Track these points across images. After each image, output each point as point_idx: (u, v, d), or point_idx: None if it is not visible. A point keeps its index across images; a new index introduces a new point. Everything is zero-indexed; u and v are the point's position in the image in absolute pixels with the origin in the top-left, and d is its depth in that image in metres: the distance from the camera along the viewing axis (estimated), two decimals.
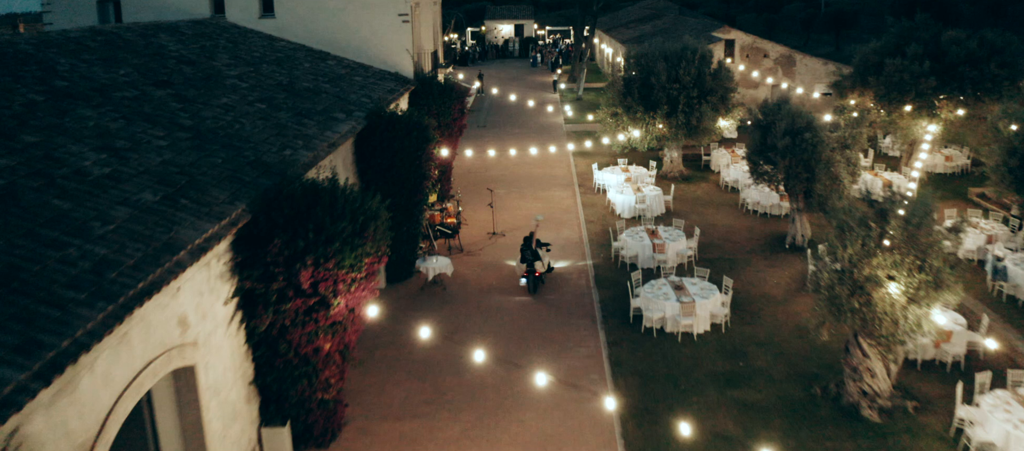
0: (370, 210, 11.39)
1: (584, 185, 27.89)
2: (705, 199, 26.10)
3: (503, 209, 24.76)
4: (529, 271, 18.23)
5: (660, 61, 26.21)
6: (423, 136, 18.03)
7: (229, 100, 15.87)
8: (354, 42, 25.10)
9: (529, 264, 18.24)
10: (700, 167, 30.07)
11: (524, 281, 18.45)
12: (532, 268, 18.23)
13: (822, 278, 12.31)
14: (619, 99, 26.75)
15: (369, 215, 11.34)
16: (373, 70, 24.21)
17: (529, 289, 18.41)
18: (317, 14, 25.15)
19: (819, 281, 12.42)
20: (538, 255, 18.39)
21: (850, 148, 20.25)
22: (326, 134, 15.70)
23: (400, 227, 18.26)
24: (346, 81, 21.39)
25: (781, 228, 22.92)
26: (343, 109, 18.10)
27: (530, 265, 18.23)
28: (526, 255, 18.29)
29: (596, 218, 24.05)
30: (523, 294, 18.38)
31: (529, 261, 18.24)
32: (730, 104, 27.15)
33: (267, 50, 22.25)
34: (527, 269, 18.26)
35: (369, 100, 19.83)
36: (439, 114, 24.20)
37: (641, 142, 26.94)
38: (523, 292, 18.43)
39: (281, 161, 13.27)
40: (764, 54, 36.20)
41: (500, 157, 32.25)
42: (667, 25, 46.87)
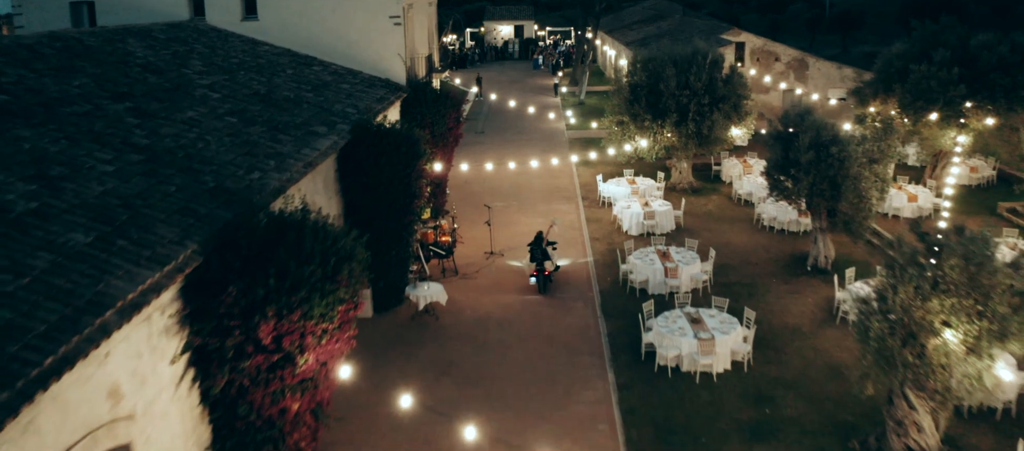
0: (344, 249, 9.74)
1: (588, 197, 26.25)
2: (717, 214, 24.46)
3: (502, 225, 23.12)
4: (539, 269, 18.31)
5: (669, 66, 24.56)
6: (413, 151, 16.40)
7: (196, 113, 14.22)
8: (342, 46, 23.48)
9: (539, 263, 18.34)
10: (710, 178, 28.44)
11: (534, 280, 18.43)
12: (541, 267, 18.31)
13: (871, 327, 10.65)
14: (625, 106, 25.11)
15: (343, 255, 9.69)
16: (362, 76, 22.56)
17: (539, 288, 18.45)
18: (303, 16, 23.53)
19: (866, 331, 10.76)
20: (548, 254, 18.52)
21: (879, 163, 18.63)
22: (303, 152, 14.06)
23: (388, 251, 16.64)
24: (331, 89, 19.75)
25: (801, 247, 21.29)
26: (325, 121, 16.46)
27: (540, 264, 18.33)
28: (536, 254, 18.41)
29: (602, 235, 22.41)
30: (532, 292, 18.47)
31: (539, 260, 18.34)
32: (743, 112, 25.51)
33: (247, 55, 20.62)
34: (536, 268, 18.32)
35: (355, 110, 18.19)
36: (433, 123, 22.59)
37: (649, 152, 25.30)
38: (533, 290, 18.52)
39: (247, 187, 11.63)
40: (775, 57, 34.60)
41: (499, 167, 30.58)
42: (672, 27, 45.21)
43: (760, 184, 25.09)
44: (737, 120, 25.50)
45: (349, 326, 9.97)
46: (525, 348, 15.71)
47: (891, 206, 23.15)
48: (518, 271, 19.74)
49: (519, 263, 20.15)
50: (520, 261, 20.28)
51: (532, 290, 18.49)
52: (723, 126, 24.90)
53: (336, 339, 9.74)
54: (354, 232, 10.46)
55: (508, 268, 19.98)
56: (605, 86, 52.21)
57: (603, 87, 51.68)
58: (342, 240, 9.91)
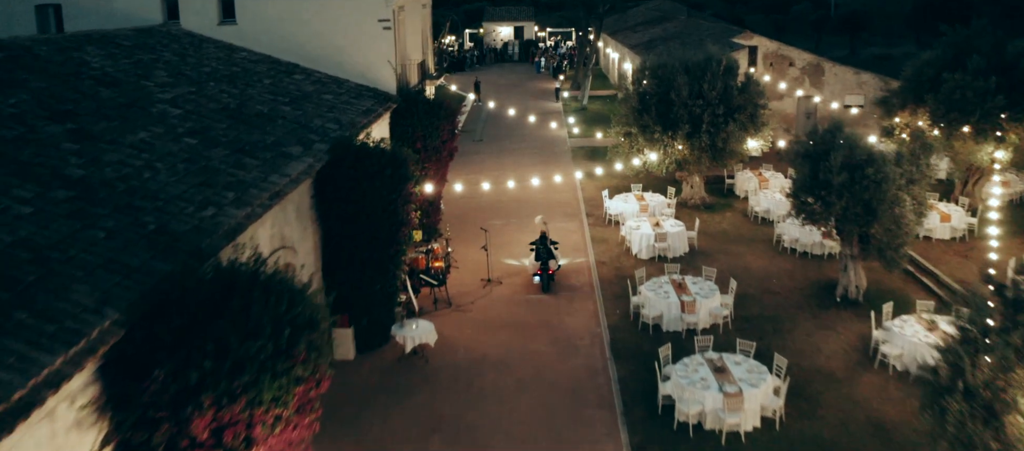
0: (303, 316, 7.91)
1: (593, 214, 24.43)
2: (733, 233, 22.63)
3: (500, 245, 21.31)
4: (543, 269, 18.43)
5: (681, 74, 22.75)
6: (400, 173, 14.59)
7: (149, 135, 12.41)
8: (328, 52, 21.65)
9: (544, 262, 18.45)
10: (723, 193, 26.62)
11: (537, 279, 18.58)
12: (546, 266, 18.42)
13: (947, 409, 8.79)
14: (633, 117, 23.29)
15: (301, 323, 7.87)
16: (349, 85, 20.75)
17: (542, 287, 18.51)
18: (285, 20, 21.69)
19: (942, 413, 8.89)
20: (552, 253, 18.66)
21: (917, 183, 16.83)
22: (270, 180, 12.24)
23: (372, 285, 14.83)
24: (312, 101, 17.94)
25: (827, 273, 19.48)
26: (301, 140, 14.64)
27: (544, 264, 18.43)
28: (541, 254, 18.55)
29: (609, 259, 20.59)
30: (535, 291, 18.51)
31: (544, 260, 18.45)
32: (760, 122, 23.69)
33: (221, 63, 18.82)
34: (540, 268, 18.47)
35: (337, 126, 16.39)
36: (425, 136, 20.77)
37: (659, 166, 23.49)
38: (536, 290, 18.55)
39: (195, 229, 9.81)
40: (790, 62, 32.77)
41: (497, 178, 28.76)
42: (678, 29, 43.38)
43: (778, 200, 23.30)
44: (753, 131, 23.69)
45: (310, 408, 8.14)
46: (526, 397, 13.88)
47: (923, 227, 21.31)
48: (518, 301, 17.95)
49: (525, 261, 20.19)
50: (526, 260, 20.28)
51: (535, 290, 18.56)
52: (739, 138, 23.09)
53: (293, 426, 7.92)
54: (318, 290, 8.63)
55: (506, 298, 18.16)
56: (608, 90, 50.38)
57: (606, 91, 49.85)
58: (300, 305, 8.07)
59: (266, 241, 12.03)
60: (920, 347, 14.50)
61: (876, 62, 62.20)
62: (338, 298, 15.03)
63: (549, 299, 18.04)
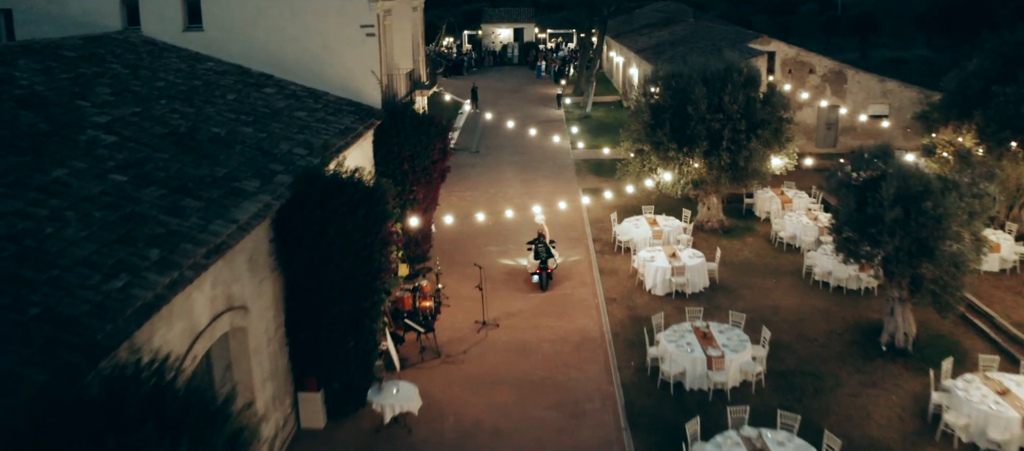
0: None
1: (600, 238, 22.15)
2: (757, 263, 20.34)
3: (496, 279, 19.05)
4: (542, 268, 18.45)
5: (698, 85, 20.46)
6: (376, 212, 12.30)
7: (67, 172, 10.13)
8: (305, 61, 19.38)
9: (543, 262, 18.46)
10: (742, 213, 24.33)
11: (536, 278, 18.57)
12: (545, 265, 18.46)
13: None
14: (645, 132, 21.01)
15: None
16: (327, 99, 18.48)
17: (541, 286, 18.54)
18: (257, 25, 19.42)
19: None
20: (551, 252, 18.68)
21: (977, 217, 14.56)
22: (212, 228, 9.95)
23: (344, 343, 12.55)
24: (282, 119, 15.66)
25: (865, 313, 17.22)
26: (260, 171, 12.36)
27: (543, 263, 18.45)
28: (540, 252, 18.58)
29: (620, 295, 18.31)
30: (535, 290, 18.53)
31: (543, 259, 18.48)
32: (784, 138, 21.41)
33: (180, 76, 16.55)
34: (540, 266, 18.48)
35: (307, 151, 14.11)
36: (414, 156, 18.54)
37: (673, 187, 21.21)
38: (535, 289, 18.57)
39: (97, 309, 7.53)
40: (810, 69, 30.50)
41: (494, 197, 26.51)
42: (687, 32, 41.08)
43: (805, 225, 21.04)
44: (777, 148, 21.41)
45: None
46: None
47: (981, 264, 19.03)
48: (517, 348, 15.67)
49: (523, 261, 20.12)
50: (523, 260, 20.22)
51: (534, 289, 18.55)
52: (762, 156, 20.82)
53: None
54: (281, 348, 6.35)
55: (504, 344, 15.88)
56: (612, 96, 48.11)
57: (610, 97, 47.57)
58: (219, 430, 5.78)
59: (204, 307, 9.75)
60: (991, 417, 12.28)
61: (889, 65, 59.96)
62: (305, 358, 12.87)
63: (554, 348, 15.76)
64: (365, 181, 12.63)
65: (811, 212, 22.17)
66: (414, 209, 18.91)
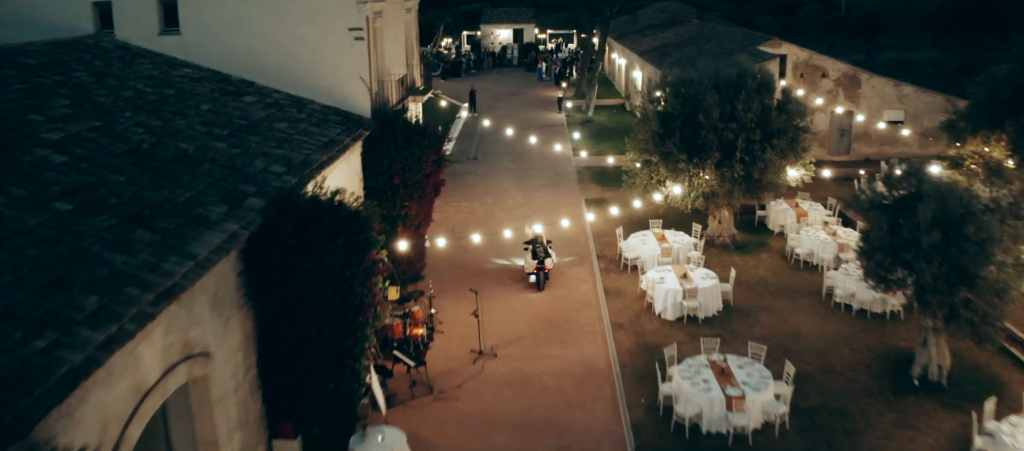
0: None
1: (604, 255, 20.85)
2: (773, 282, 19.03)
3: (494, 297, 17.77)
4: (539, 268, 18.45)
5: (710, 92, 19.17)
6: (358, 240, 11.00)
7: (3, 200, 8.82)
8: (289, 67, 18.08)
9: (540, 262, 18.45)
10: (754, 226, 23.03)
11: (533, 278, 18.58)
12: (542, 265, 18.48)
13: None
14: (654, 142, 19.71)
15: None
16: (312, 108, 17.20)
17: (538, 286, 18.54)
18: (238, 28, 18.12)
19: None
20: (549, 252, 18.73)
21: (1021, 240, 13.26)
22: (166, 265, 8.63)
23: (324, 386, 11.24)
24: (260, 131, 14.37)
25: (893, 340, 15.94)
26: (230, 194, 11.06)
27: (541, 263, 18.45)
28: (537, 252, 18.61)
29: (627, 320, 17.01)
30: (531, 290, 18.51)
31: (541, 260, 18.48)
32: (800, 148, 20.11)
33: (151, 84, 15.27)
34: (537, 267, 18.47)
35: (284, 168, 12.81)
36: (405, 169, 17.27)
37: (683, 201, 19.92)
38: (532, 289, 18.55)
39: (12, 378, 6.22)
40: (823, 73, 29.20)
41: (493, 208, 25.23)
42: (692, 34, 39.75)
43: (822, 241, 19.75)
44: (793, 158, 20.12)
45: None
46: None
47: None
48: (517, 381, 14.39)
49: (519, 261, 20.06)
50: (519, 260, 20.15)
51: (531, 288, 18.56)
52: (777, 168, 19.54)
53: None
54: None
55: (503, 377, 14.59)
56: (615, 99, 46.83)
57: (613, 100, 46.28)
58: None
59: (154, 360, 8.44)
60: None
61: (897, 67, 58.63)
62: (280, 403, 11.56)
63: (556, 382, 14.47)
64: (347, 204, 11.32)
65: (828, 227, 20.87)
66: (406, 226, 17.64)
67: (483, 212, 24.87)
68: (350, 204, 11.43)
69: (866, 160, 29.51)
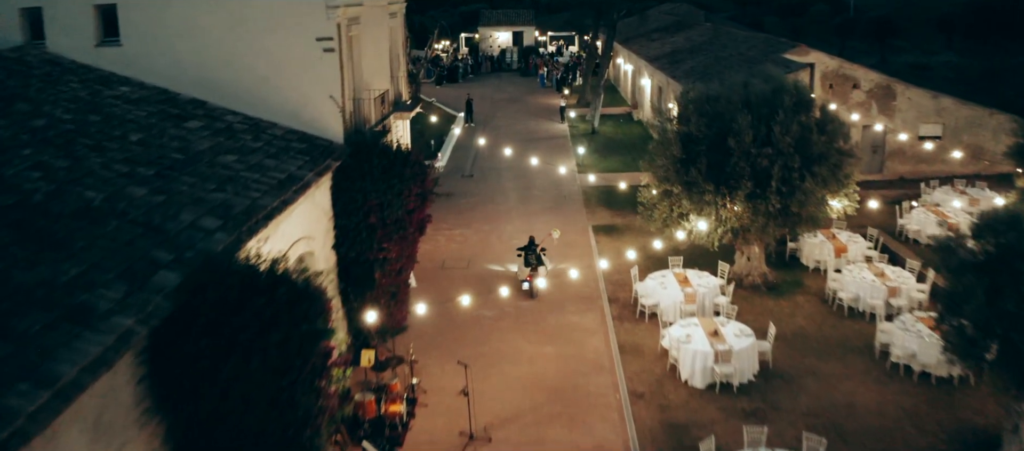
0: None
1: (617, 298, 18.12)
2: (815, 336, 16.30)
3: (484, 357, 15.06)
4: (533, 275, 17.96)
5: (742, 113, 16.46)
6: (299, 333, 8.26)
7: None
8: (247, 84, 15.38)
9: (533, 269, 18.02)
10: (785, 260, 20.29)
11: (526, 286, 18.03)
12: (535, 272, 18.00)
13: None
14: (675, 170, 17.00)
15: None
16: (273, 134, 14.49)
17: (530, 293, 18.01)
18: (187, 39, 15.43)
19: None
20: (542, 260, 18.31)
21: None
22: (8, 400, 5.91)
23: None
24: (199, 168, 11.66)
25: (967, 415, 13.24)
26: (135, 266, 8.34)
27: (534, 271, 18.01)
28: (530, 259, 18.13)
29: (648, 388, 14.28)
30: (525, 299, 17.92)
31: (534, 267, 18.05)
32: (843, 175, 17.39)
33: (75, 108, 12.60)
34: (531, 274, 17.99)
35: (222, 220, 10.11)
36: (384, 206, 14.58)
37: (709, 237, 17.21)
38: (525, 297, 17.98)
39: None
40: (853, 84, 26.50)
41: (490, 235, 22.52)
42: (705, 39, 37.01)
43: (870, 284, 17.03)
44: (835, 187, 17.41)
45: None
46: None
47: None
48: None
49: (513, 267, 19.55)
50: (513, 266, 19.63)
51: (523, 297, 17.97)
52: (819, 199, 16.85)
53: None
54: None
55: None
56: (621, 107, 44.14)
57: (619, 109, 43.57)
58: None
59: None
60: None
61: (913, 72, 55.86)
62: None
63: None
64: (293, 276, 8.61)
65: (874, 265, 18.16)
66: (385, 271, 14.93)
67: (478, 241, 22.18)
68: (296, 275, 8.73)
69: (901, 179, 26.82)
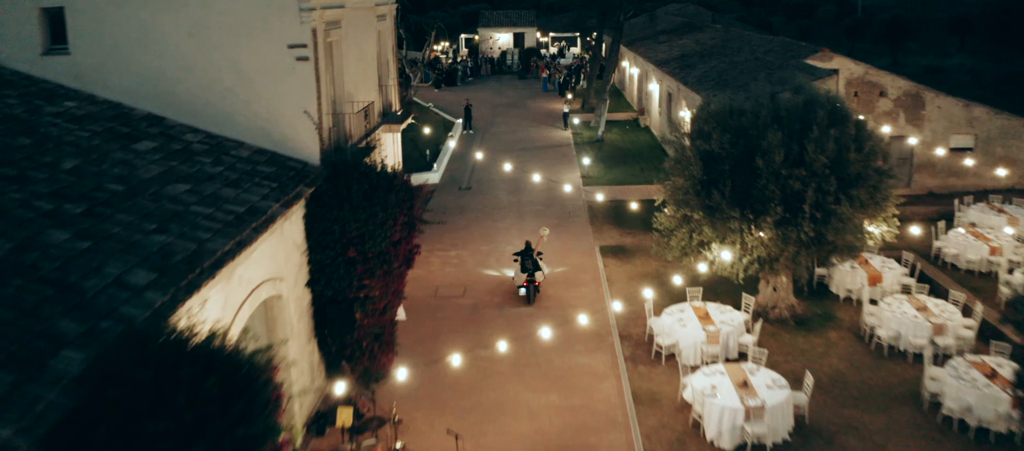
0: None
1: (630, 334, 16.24)
2: (854, 380, 14.43)
3: (479, 409, 13.21)
4: (529, 281, 17.62)
5: (772, 130, 14.60)
6: (235, 435, 6.41)
7: None
8: (212, 96, 13.54)
9: (530, 274, 17.64)
10: (813, 289, 18.40)
11: (523, 291, 17.70)
12: (532, 277, 17.64)
13: None
14: (695, 193, 15.14)
15: None
16: (238, 155, 12.67)
17: (527, 299, 17.68)
18: (144, 47, 13.58)
19: None
20: (539, 265, 17.87)
21: None
22: None
23: None
24: (142, 201, 9.83)
25: None
26: (26, 350, 6.49)
27: (531, 275, 17.64)
28: (527, 264, 17.74)
29: (666, 447, 12.42)
30: (521, 305, 17.48)
31: (530, 271, 17.66)
32: (880, 197, 15.53)
33: (4, 129, 10.80)
34: (527, 279, 17.64)
35: (156, 274, 8.27)
36: (364, 238, 12.75)
37: (733, 268, 15.34)
38: (521, 303, 17.59)
39: None
40: (880, 92, 24.64)
41: (488, 256, 20.67)
42: (716, 42, 35.10)
43: (912, 321, 15.16)
44: (874, 211, 15.55)
45: None
46: None
47: None
48: None
49: (509, 272, 19.22)
50: (509, 271, 19.34)
51: (520, 303, 17.65)
52: (856, 228, 15.00)
53: None
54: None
55: None
56: (627, 113, 42.29)
57: (624, 115, 41.71)
58: None
59: None
60: None
61: (929, 75, 54.03)
62: None
63: None
64: (232, 355, 6.77)
65: (914, 297, 16.29)
66: (367, 311, 13.10)
67: (475, 264, 20.34)
68: (235, 347, 6.89)
69: (930, 194, 24.97)
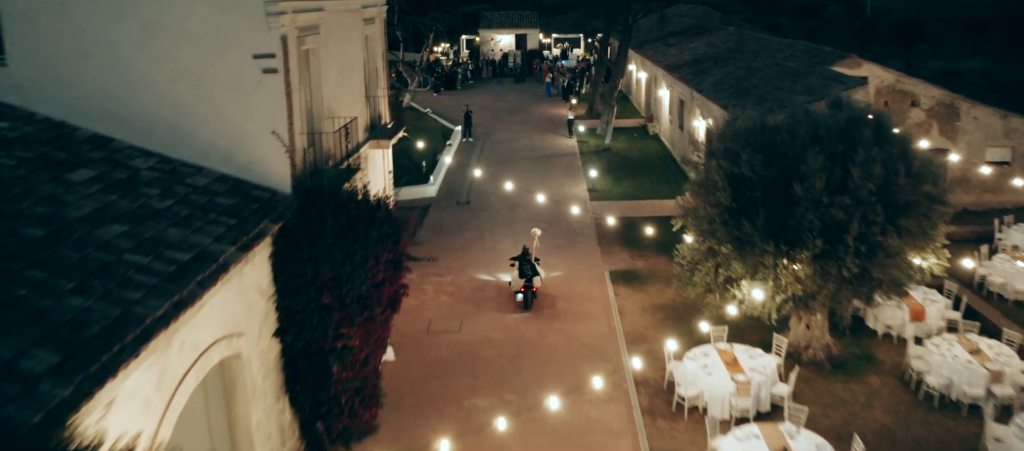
0: None
1: (647, 382, 14.36)
2: (903, 439, 12.58)
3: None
4: (527, 286, 17.27)
5: (813, 152, 12.77)
6: None
7: None
8: (167, 114, 11.73)
9: (528, 279, 17.28)
10: (851, 326, 16.51)
11: (520, 297, 17.27)
12: (530, 283, 17.28)
13: None
14: (722, 223, 13.30)
15: None
16: (194, 184, 10.83)
17: (525, 305, 17.24)
18: (89, 59, 11.77)
19: None
20: (536, 270, 17.59)
21: None
22: None
23: None
24: (63, 251, 8.02)
25: None
26: None
27: (528, 281, 17.28)
28: (525, 270, 17.38)
29: None
30: (518, 311, 17.06)
31: (528, 277, 17.30)
32: (928, 227, 13.70)
33: None
34: (525, 285, 17.27)
35: (62, 355, 6.45)
36: (342, 280, 10.95)
37: (765, 308, 13.50)
38: (518, 309, 17.17)
39: None
40: (912, 101, 22.83)
41: (486, 284, 18.86)
42: (729, 44, 33.24)
43: (965, 367, 13.34)
44: (923, 243, 13.73)
45: None
46: None
47: None
48: None
49: (505, 277, 18.80)
50: (506, 276, 18.86)
51: (517, 309, 17.23)
52: (904, 263, 13.18)
53: None
54: None
55: None
56: (634, 119, 40.45)
57: (631, 121, 39.86)
58: None
59: None
60: None
61: (944, 78, 52.25)
62: None
63: None
64: None
65: (966, 338, 14.46)
66: (345, 363, 11.29)
67: (473, 291, 18.53)
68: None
69: (965, 212, 23.10)
